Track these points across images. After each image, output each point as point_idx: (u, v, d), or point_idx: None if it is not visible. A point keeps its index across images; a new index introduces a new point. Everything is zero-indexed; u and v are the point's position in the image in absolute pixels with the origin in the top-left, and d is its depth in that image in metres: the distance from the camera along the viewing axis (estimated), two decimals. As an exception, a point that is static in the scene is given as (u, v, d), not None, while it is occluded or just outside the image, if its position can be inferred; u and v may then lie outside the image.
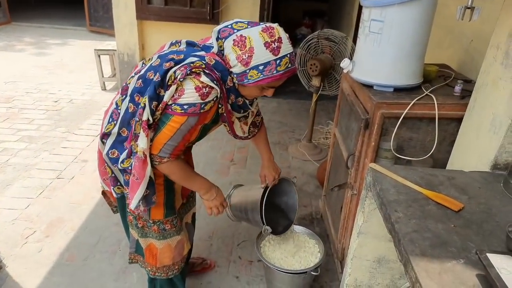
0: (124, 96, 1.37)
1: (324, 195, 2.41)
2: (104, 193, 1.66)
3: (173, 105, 1.24)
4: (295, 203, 1.83)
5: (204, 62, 1.23)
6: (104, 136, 1.41)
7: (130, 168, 1.35)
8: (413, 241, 0.93)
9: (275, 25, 1.26)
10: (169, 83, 1.23)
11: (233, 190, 1.83)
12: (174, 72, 1.23)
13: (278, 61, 1.23)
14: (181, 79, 1.21)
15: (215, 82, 1.23)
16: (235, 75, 1.28)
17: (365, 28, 1.59)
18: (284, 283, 1.71)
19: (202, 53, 1.30)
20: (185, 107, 1.23)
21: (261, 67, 1.23)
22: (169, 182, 1.46)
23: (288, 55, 1.25)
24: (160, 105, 1.24)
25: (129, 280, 1.98)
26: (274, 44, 1.21)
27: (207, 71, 1.22)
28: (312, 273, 1.64)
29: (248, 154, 3.31)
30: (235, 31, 1.24)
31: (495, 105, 1.28)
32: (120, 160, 1.37)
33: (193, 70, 1.21)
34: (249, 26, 1.24)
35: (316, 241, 1.83)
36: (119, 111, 1.38)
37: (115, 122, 1.39)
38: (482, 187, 1.18)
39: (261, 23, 1.26)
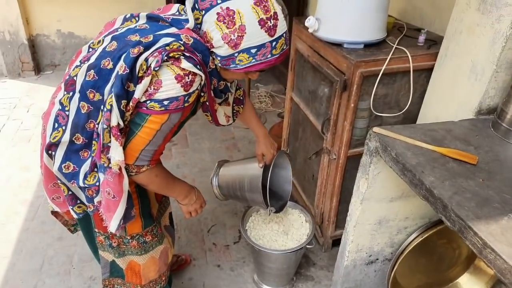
0: (71, 93, 1.07)
1: (284, 162, 2.34)
2: (54, 212, 1.34)
3: (149, 102, 0.99)
4: (288, 173, 1.70)
5: (181, 42, 0.98)
6: (51, 147, 1.10)
7: (97, 184, 1.08)
8: (460, 204, 0.89)
9: None
10: (140, 75, 0.97)
11: (220, 169, 1.62)
12: (146, 59, 0.96)
13: (273, 43, 1.03)
14: (156, 68, 0.96)
15: (198, 66, 1.00)
16: (218, 58, 1.06)
17: (330, -19, 1.47)
18: (278, 263, 1.63)
19: (174, 30, 1.05)
20: (165, 103, 0.99)
21: (253, 50, 1.02)
22: (141, 188, 1.23)
23: (284, 35, 1.05)
24: (131, 103, 0.99)
25: (99, 299, 1.70)
26: (270, 22, 1.00)
27: (187, 54, 0.98)
28: (308, 246, 1.59)
29: (187, 131, 3.06)
30: (218, 1, 0.99)
31: (474, 52, 1.30)
32: (81, 176, 1.09)
33: (171, 54, 0.96)
34: None
35: (299, 210, 1.77)
36: (67, 113, 1.08)
37: (63, 127, 1.08)
38: (478, 135, 1.21)
39: None
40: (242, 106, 1.42)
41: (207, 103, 1.16)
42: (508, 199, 0.92)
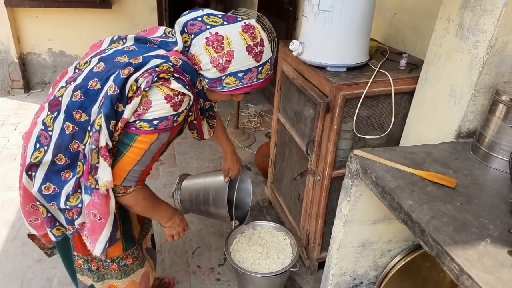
0: (55, 113, 1.06)
1: (271, 182, 2.34)
2: (31, 235, 1.31)
3: (138, 122, 1.00)
4: (248, 186, 1.81)
5: (170, 64, 1.00)
6: (32, 167, 1.08)
7: (79, 206, 1.07)
8: (438, 229, 0.89)
9: (255, 23, 1.08)
10: (129, 95, 0.98)
11: (181, 184, 1.67)
12: (136, 80, 0.97)
13: (260, 68, 1.07)
14: (146, 89, 0.97)
15: (187, 87, 1.02)
16: (206, 80, 1.09)
17: (313, 6, 1.50)
18: (262, 287, 1.60)
19: (162, 51, 1.07)
20: (155, 122, 1.00)
21: (240, 74, 1.05)
22: (123, 209, 1.21)
23: (269, 61, 1.10)
24: (120, 123, 0.99)
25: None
26: (257, 48, 1.05)
27: (176, 75, 1.00)
28: (292, 269, 1.57)
29: (175, 150, 3.05)
30: (207, 26, 1.03)
31: (453, 77, 1.32)
32: (63, 197, 1.07)
33: (161, 75, 0.98)
34: (225, 23, 1.05)
35: (284, 233, 1.75)
36: (50, 133, 1.07)
37: (45, 148, 1.07)
38: (458, 158, 1.22)
39: (238, 19, 1.07)
40: (215, 120, 1.44)
41: (195, 121, 1.18)
42: (485, 223, 0.92)
